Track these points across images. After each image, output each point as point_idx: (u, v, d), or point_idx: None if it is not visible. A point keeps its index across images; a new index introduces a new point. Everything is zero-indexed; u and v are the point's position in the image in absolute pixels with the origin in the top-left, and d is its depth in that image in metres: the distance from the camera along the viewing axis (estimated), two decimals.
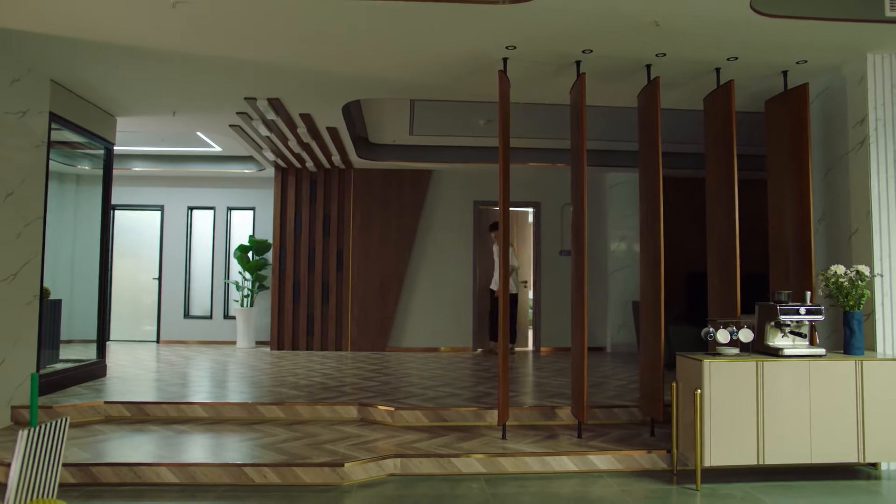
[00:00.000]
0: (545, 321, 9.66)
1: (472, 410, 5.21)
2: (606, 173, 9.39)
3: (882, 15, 4.07)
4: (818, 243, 5.08)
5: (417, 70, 5.18)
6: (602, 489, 4.04)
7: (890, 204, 4.62)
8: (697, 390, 3.95)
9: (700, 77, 5.15)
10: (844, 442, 4.04)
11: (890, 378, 4.10)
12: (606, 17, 4.11)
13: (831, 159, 5.06)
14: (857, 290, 4.17)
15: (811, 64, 4.88)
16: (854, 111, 4.80)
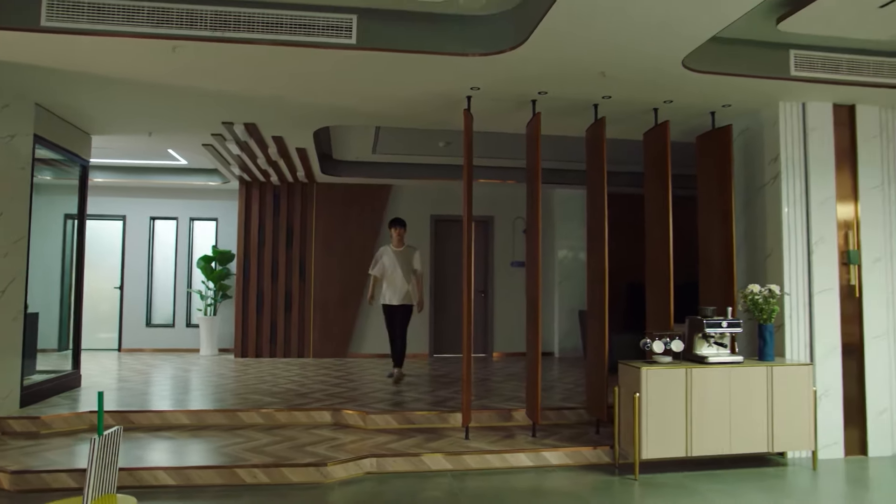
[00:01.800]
0: (497, 328, 10.26)
1: (436, 414, 5.74)
2: (556, 190, 10.06)
3: (788, 73, 4.79)
4: (740, 263, 5.81)
5: (389, 104, 5.69)
6: (554, 481, 4.63)
7: (798, 232, 5.37)
8: (636, 394, 4.58)
9: (641, 115, 5.82)
10: (757, 435, 4.75)
11: (794, 380, 4.84)
12: (561, 68, 4.71)
13: (751, 190, 5.80)
14: (770, 306, 4.89)
15: (734, 108, 5.60)
16: (769, 150, 5.54)
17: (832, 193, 5.42)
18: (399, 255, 7.37)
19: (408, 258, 7.39)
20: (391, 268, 7.34)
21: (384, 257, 7.41)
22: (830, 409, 5.26)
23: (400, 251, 7.40)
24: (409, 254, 7.43)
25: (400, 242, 7.44)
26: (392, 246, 7.47)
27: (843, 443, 5.28)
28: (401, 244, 7.43)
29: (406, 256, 7.38)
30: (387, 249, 7.46)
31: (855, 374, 5.35)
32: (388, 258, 7.38)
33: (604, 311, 5.25)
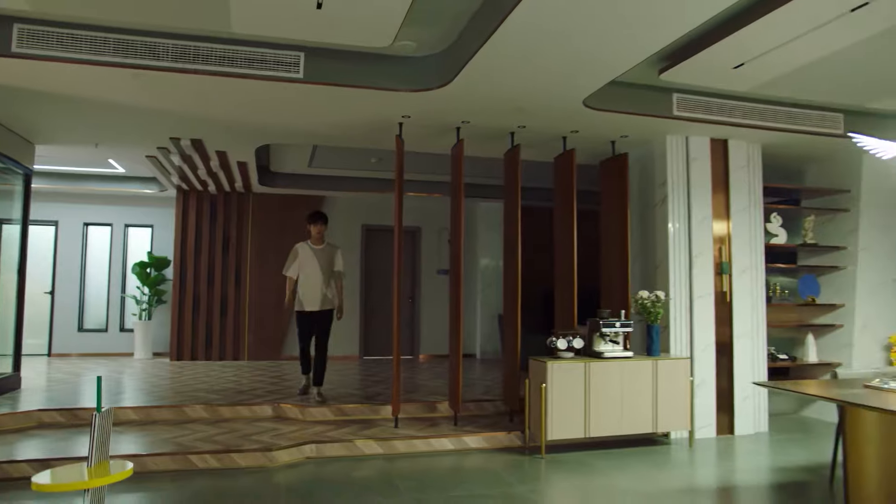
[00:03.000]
0: (424, 332, 10.96)
1: (368, 406, 6.37)
2: (480, 203, 10.84)
3: (672, 113, 5.69)
4: (636, 272, 6.70)
5: (329, 127, 6.30)
6: (473, 461, 5.34)
7: (682, 246, 6.30)
8: (543, 384, 5.35)
9: (552, 142, 6.63)
10: (644, 418, 5.61)
11: (675, 372, 5.73)
12: (481, 103, 5.46)
13: (645, 209, 6.71)
14: (656, 309, 5.77)
15: (631, 139, 6.48)
16: (659, 175, 6.45)
17: (709, 213, 6.38)
18: (319, 254, 6.58)
19: (329, 258, 6.62)
20: (309, 268, 6.53)
21: (301, 256, 6.56)
22: (705, 396, 6.20)
23: (320, 249, 6.62)
24: (330, 253, 6.65)
25: (320, 240, 6.65)
26: (310, 243, 6.64)
27: (715, 424, 6.23)
28: (321, 241, 6.66)
29: (327, 256, 6.62)
30: (304, 247, 6.61)
31: (726, 367, 6.31)
32: (305, 257, 6.55)
33: (516, 314, 6.02)
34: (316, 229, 6.65)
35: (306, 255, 6.59)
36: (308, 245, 6.66)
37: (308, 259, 6.58)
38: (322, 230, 6.68)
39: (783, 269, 7.37)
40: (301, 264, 6.58)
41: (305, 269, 6.56)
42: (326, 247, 6.69)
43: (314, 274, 6.55)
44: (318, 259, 6.58)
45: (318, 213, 6.73)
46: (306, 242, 6.68)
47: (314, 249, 6.63)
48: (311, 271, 6.55)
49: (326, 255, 6.63)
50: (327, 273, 6.60)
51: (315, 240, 6.67)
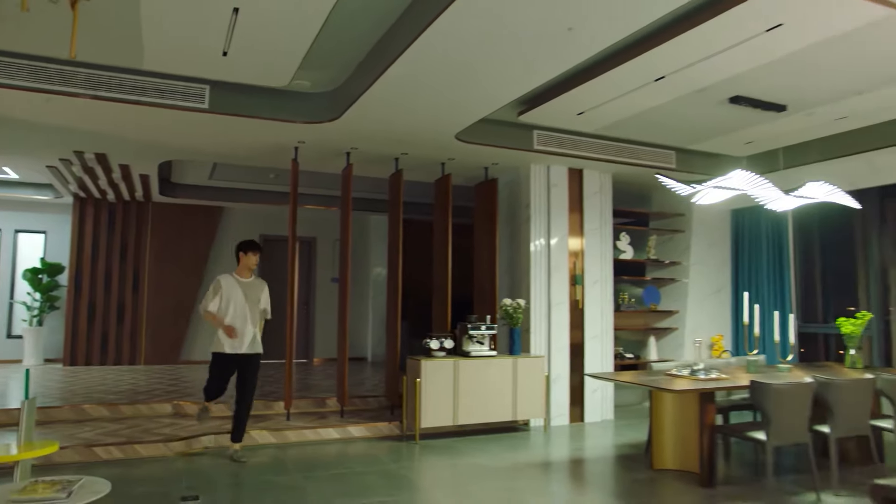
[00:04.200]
0: (318, 336, 11.58)
1: (263, 402, 6.98)
2: (372, 216, 11.60)
3: (532, 147, 6.68)
4: (505, 282, 7.66)
5: (231, 148, 6.89)
6: (356, 447, 6.09)
7: (542, 259, 7.31)
8: (418, 380, 6.18)
9: (432, 167, 7.50)
10: (506, 408, 6.54)
11: (533, 368, 6.71)
12: (367, 135, 6.26)
13: (514, 227, 7.69)
14: (518, 315, 6.74)
15: (501, 166, 7.46)
16: (524, 198, 7.45)
17: (566, 232, 7.44)
18: (247, 289, 5.62)
19: (256, 293, 5.67)
20: (235, 304, 5.52)
21: (225, 290, 5.55)
22: (560, 390, 7.23)
23: (247, 283, 5.66)
24: (258, 287, 5.72)
25: (249, 272, 5.74)
26: (237, 275, 5.66)
27: (568, 414, 7.28)
28: (249, 274, 5.74)
29: (255, 291, 5.68)
30: (228, 280, 5.61)
31: (578, 365, 7.37)
32: (230, 291, 5.54)
33: (397, 319, 6.85)
34: (252, 259, 5.70)
35: (231, 289, 5.56)
36: (234, 277, 5.65)
37: (234, 294, 5.55)
38: (256, 262, 5.74)
39: (633, 281, 8.58)
40: (225, 299, 5.53)
41: (230, 305, 5.52)
42: (255, 280, 5.74)
43: (240, 311, 5.54)
44: (245, 294, 5.59)
45: (253, 243, 5.80)
46: (231, 274, 5.68)
47: (241, 283, 5.63)
48: (238, 308, 5.53)
49: (254, 290, 5.67)
50: (254, 311, 5.62)
51: (244, 272, 5.70)
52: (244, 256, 5.70)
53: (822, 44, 4.33)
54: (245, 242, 5.80)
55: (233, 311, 5.51)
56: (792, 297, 8.05)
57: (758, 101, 5.59)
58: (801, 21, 3.98)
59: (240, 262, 5.72)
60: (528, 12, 3.78)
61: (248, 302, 5.59)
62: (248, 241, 5.83)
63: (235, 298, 5.55)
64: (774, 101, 5.65)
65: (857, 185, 7.17)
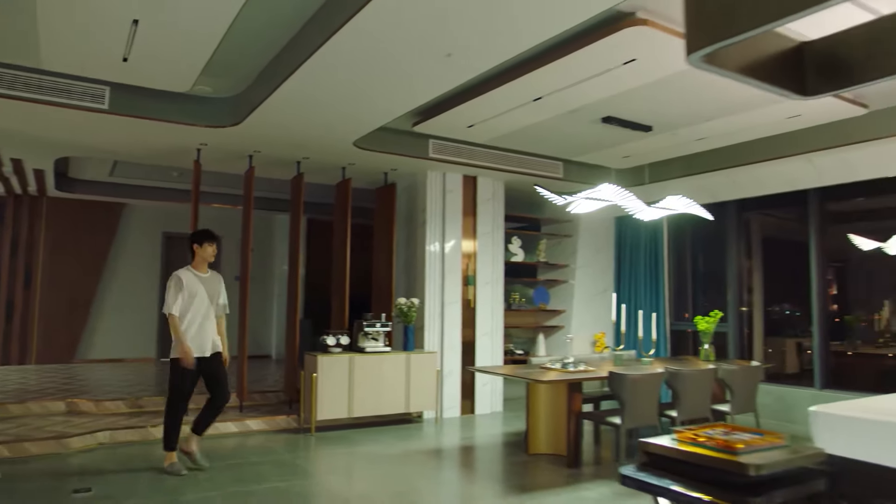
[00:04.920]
0: None
1: (162, 398, 7.05)
2: (277, 215, 11.73)
3: (428, 155, 7.09)
4: (403, 283, 8.06)
5: (132, 147, 6.95)
6: (254, 440, 6.32)
7: (437, 261, 7.75)
8: (314, 374, 6.48)
9: (333, 170, 7.80)
10: (399, 401, 6.93)
11: (426, 364, 7.14)
12: (269, 140, 6.49)
13: (411, 229, 8.09)
14: (411, 313, 7.14)
15: (400, 171, 7.84)
16: (421, 202, 7.87)
17: (460, 235, 7.91)
18: (207, 285, 5.18)
19: (216, 289, 5.27)
20: (196, 302, 5.06)
21: (188, 286, 5.05)
22: (452, 384, 7.69)
23: (207, 277, 5.23)
24: (217, 282, 5.31)
25: (206, 265, 5.28)
26: (195, 269, 5.19)
27: (460, 406, 7.75)
28: (207, 268, 5.29)
29: (214, 286, 5.26)
30: (188, 275, 5.11)
31: (470, 361, 7.85)
32: (191, 288, 5.06)
33: (296, 316, 7.11)
34: (209, 251, 5.23)
35: (193, 286, 5.08)
36: (193, 272, 5.16)
37: (196, 290, 5.08)
38: (214, 254, 5.29)
39: (525, 282, 9.16)
40: (188, 297, 5.04)
41: (193, 303, 5.05)
42: (212, 275, 5.32)
43: (204, 309, 5.10)
44: (207, 290, 5.15)
45: (209, 233, 5.30)
46: (188, 269, 5.18)
47: (200, 278, 5.17)
48: (199, 306, 5.07)
49: (213, 286, 5.25)
50: (214, 308, 5.22)
51: (201, 265, 5.23)
52: (199, 249, 5.19)
53: (672, 77, 4.95)
54: (199, 233, 5.29)
55: (195, 309, 5.05)
56: (665, 297, 8.84)
57: (627, 121, 6.22)
58: (652, 58, 4.57)
59: (195, 256, 5.21)
60: (409, 39, 4.18)
61: (210, 299, 5.16)
62: (202, 232, 5.29)
63: (199, 295, 5.08)
64: (642, 122, 6.30)
65: (718, 197, 8.02)
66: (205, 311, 5.12)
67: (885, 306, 9.91)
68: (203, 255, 5.20)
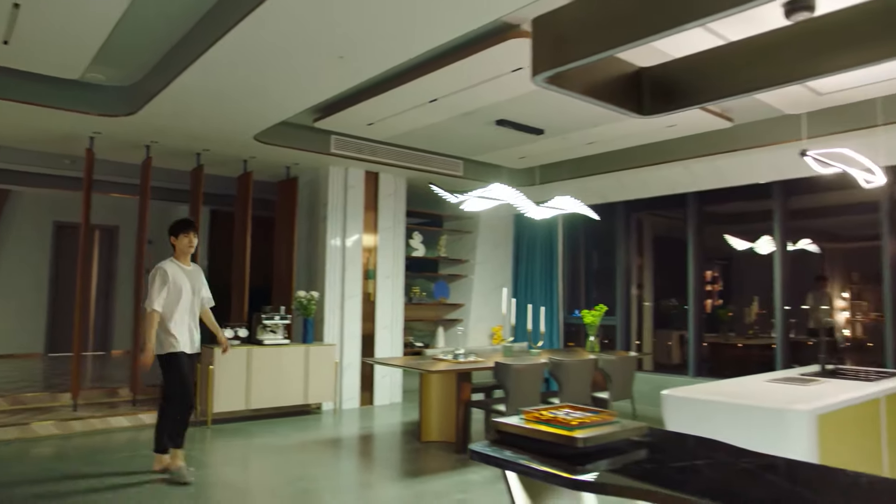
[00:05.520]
0: (120, 328, 11.24)
1: (48, 394, 6.87)
2: (179, 206, 11.43)
3: (329, 151, 7.19)
4: (304, 276, 8.11)
5: (14, 132, 6.69)
6: (148, 434, 6.20)
7: (338, 255, 7.86)
8: (210, 366, 6.47)
9: (235, 163, 7.76)
10: (297, 392, 7.02)
11: (325, 356, 7.25)
12: (167, 131, 6.42)
13: (312, 223, 8.16)
14: (311, 306, 7.23)
15: (302, 165, 7.89)
16: (323, 197, 7.95)
17: (361, 230, 8.05)
18: (190, 277, 4.94)
19: (199, 282, 5.05)
20: (183, 296, 4.82)
21: (174, 279, 4.80)
22: (352, 376, 7.83)
23: (191, 270, 4.99)
24: (199, 275, 5.08)
25: (189, 257, 5.01)
26: (178, 262, 4.93)
27: (359, 397, 7.91)
28: (189, 259, 5.02)
29: (197, 279, 5.03)
30: (174, 268, 4.86)
31: (369, 353, 8.02)
32: (176, 281, 4.81)
33: None
34: (189, 242, 4.95)
35: (179, 279, 4.84)
36: (176, 264, 4.91)
37: (182, 284, 4.85)
38: (195, 244, 5.01)
39: (427, 276, 9.40)
40: (174, 292, 4.79)
41: (180, 298, 4.81)
42: (195, 267, 5.08)
43: (189, 304, 4.89)
44: (191, 283, 4.93)
45: (187, 222, 5.04)
46: (172, 261, 4.92)
47: (185, 270, 4.93)
48: (186, 300, 4.86)
49: (197, 279, 5.03)
50: (198, 302, 5.01)
51: (184, 257, 4.97)
52: (176, 241, 4.93)
53: None
54: (173, 224, 5.02)
55: (183, 303, 4.80)
56: (559, 292, 9.31)
57: (520, 124, 6.54)
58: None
59: (176, 249, 4.95)
60: (304, 40, 4.29)
61: (195, 292, 4.94)
62: (176, 223, 5.03)
63: (185, 289, 4.83)
64: (534, 125, 6.64)
65: (608, 198, 8.53)
66: (191, 305, 4.91)
67: (755, 301, 10.81)
68: (180, 248, 4.95)
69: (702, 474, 1.96)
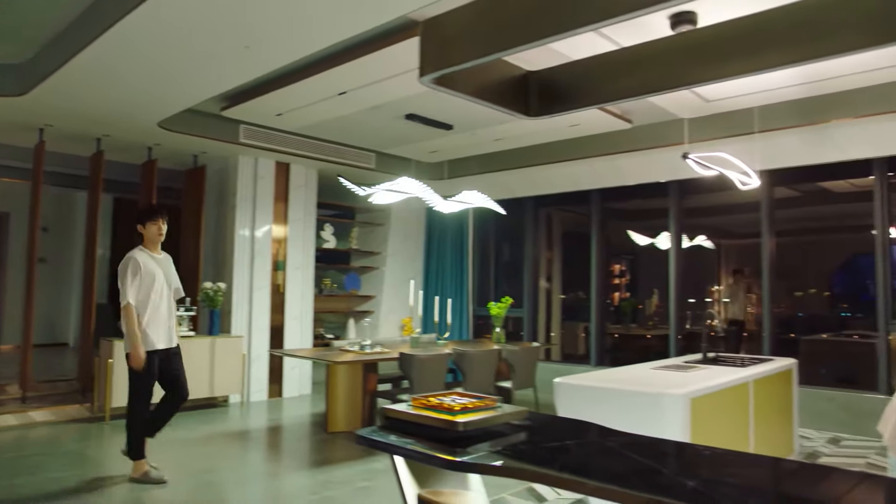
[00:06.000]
0: (10, 320, 10.65)
1: None
2: (78, 193, 10.94)
3: (238, 140, 7.08)
4: (211, 266, 7.96)
5: None
6: (39, 432, 6.01)
7: (246, 246, 7.75)
8: (109, 360, 6.28)
9: (138, 150, 7.51)
10: (203, 385, 6.90)
11: (232, 348, 7.16)
12: (63, 114, 6.17)
13: (220, 213, 8.00)
14: (218, 297, 7.11)
15: (210, 154, 7.72)
16: (232, 187, 7.81)
17: (271, 220, 7.96)
18: (162, 266, 4.66)
19: (169, 270, 4.75)
20: (158, 287, 4.54)
21: (146, 270, 4.48)
22: (260, 368, 7.76)
23: (161, 259, 4.70)
24: (169, 264, 4.79)
25: (159, 245, 4.71)
26: (148, 251, 4.61)
27: (267, 389, 7.84)
28: (159, 248, 4.74)
29: (169, 268, 4.76)
30: (144, 257, 4.53)
31: (278, 345, 7.97)
32: (148, 271, 4.49)
33: (91, 300, 6.83)
34: (154, 229, 4.62)
35: (150, 269, 4.52)
36: (146, 253, 4.59)
37: (153, 273, 4.52)
38: (164, 232, 4.70)
39: (339, 268, 9.40)
40: (146, 283, 4.48)
41: (153, 288, 4.50)
42: (164, 256, 4.78)
43: (161, 294, 4.58)
44: (164, 273, 4.64)
45: (150, 210, 4.73)
46: (142, 249, 4.59)
47: (156, 259, 4.63)
48: (160, 291, 4.56)
49: (168, 268, 4.75)
50: (171, 292, 4.73)
51: (153, 245, 4.65)
52: (146, 229, 4.60)
53: None
54: (145, 211, 4.70)
55: (156, 295, 4.49)
56: (469, 284, 9.52)
57: (428, 119, 6.65)
58: None
59: (144, 237, 4.61)
60: (208, 27, 4.24)
61: (167, 282, 4.64)
62: (148, 208, 4.75)
63: (157, 279, 4.52)
64: (443, 120, 6.77)
65: (516, 193, 8.79)
66: (166, 296, 4.61)
67: (655, 294, 11.40)
68: (149, 236, 4.61)
69: (570, 453, 2.13)
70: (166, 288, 4.60)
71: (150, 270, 4.50)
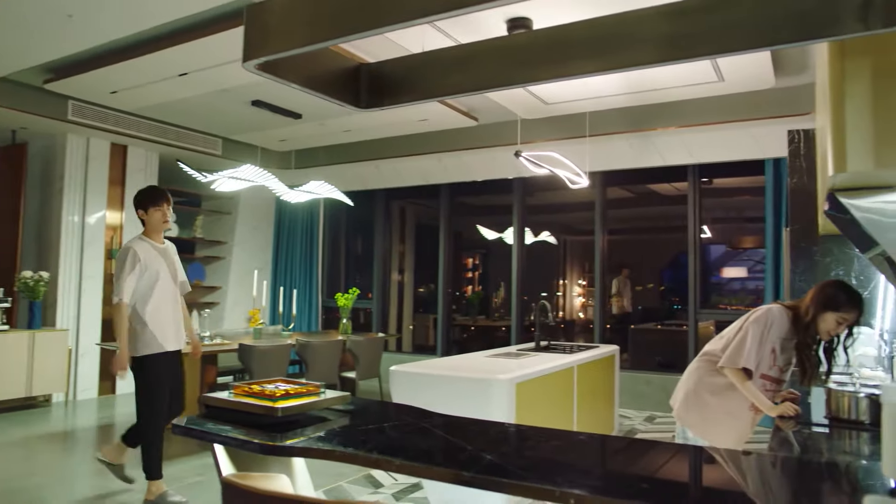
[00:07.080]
0: None
1: None
2: None
3: (66, 117, 6.56)
4: (33, 254, 7.30)
5: None
6: None
7: (76, 232, 7.20)
8: None
9: None
10: (20, 384, 6.34)
11: (55, 343, 6.64)
12: None
13: (45, 196, 7.36)
14: (39, 287, 6.56)
15: (32, 130, 7.08)
16: (59, 168, 7.21)
17: (105, 206, 7.45)
18: (166, 257, 4.05)
19: (174, 261, 4.13)
20: (164, 282, 3.95)
21: (147, 262, 3.87)
22: (90, 363, 7.26)
23: (165, 249, 4.08)
24: (173, 255, 4.16)
25: (162, 235, 4.12)
26: (150, 240, 4.00)
27: (97, 387, 7.35)
28: (162, 237, 4.13)
29: (173, 259, 4.14)
30: (145, 247, 3.93)
31: (111, 338, 7.47)
32: (150, 263, 3.89)
33: None
34: (158, 216, 3.99)
35: (152, 261, 3.91)
36: (148, 242, 3.98)
37: (156, 266, 3.92)
38: (169, 219, 4.08)
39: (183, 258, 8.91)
40: (147, 277, 3.88)
41: (157, 284, 3.90)
42: (168, 245, 4.15)
43: (170, 291, 4.01)
44: (168, 265, 4.03)
45: (154, 192, 4.08)
46: (142, 238, 3.99)
47: (159, 249, 4.02)
48: (165, 285, 3.96)
49: (172, 259, 4.12)
50: (177, 286, 4.13)
51: (156, 234, 4.03)
52: (148, 215, 3.98)
53: None
54: (148, 194, 4.04)
55: (161, 290, 3.91)
56: (318, 275, 9.44)
57: (276, 107, 6.53)
58: None
59: (146, 224, 4.01)
60: None
61: (172, 275, 4.02)
62: (151, 191, 4.09)
63: (162, 272, 3.93)
64: (292, 109, 6.67)
65: (368, 185, 8.83)
66: (172, 290, 4.01)
67: (502, 286, 11.90)
68: (152, 223, 3.99)
69: (384, 434, 2.21)
70: (171, 282, 4.02)
71: (154, 264, 3.91)
